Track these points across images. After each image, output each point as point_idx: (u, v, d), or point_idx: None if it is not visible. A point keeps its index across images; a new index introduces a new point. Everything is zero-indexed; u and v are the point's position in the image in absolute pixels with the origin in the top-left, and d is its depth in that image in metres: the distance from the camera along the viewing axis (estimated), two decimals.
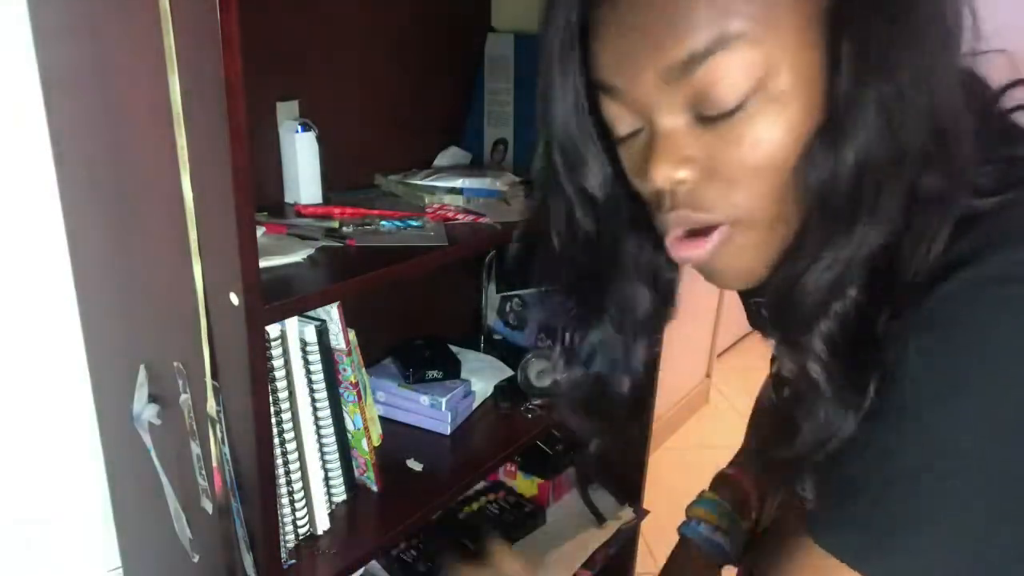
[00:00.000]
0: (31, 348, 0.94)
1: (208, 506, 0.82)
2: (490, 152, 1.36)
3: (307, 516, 0.95)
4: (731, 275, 0.52)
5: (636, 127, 0.50)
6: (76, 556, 1.04)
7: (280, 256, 0.85)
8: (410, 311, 1.38)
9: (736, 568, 0.79)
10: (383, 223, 1.01)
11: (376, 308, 1.22)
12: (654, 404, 1.54)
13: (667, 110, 0.47)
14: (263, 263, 0.74)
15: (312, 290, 0.80)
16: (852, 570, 0.45)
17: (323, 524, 0.97)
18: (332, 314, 0.94)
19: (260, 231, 0.90)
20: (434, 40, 1.29)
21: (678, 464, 2.33)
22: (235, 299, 0.69)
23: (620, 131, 0.51)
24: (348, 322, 0.96)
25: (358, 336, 1.01)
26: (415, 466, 1.11)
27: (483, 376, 1.30)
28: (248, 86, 0.63)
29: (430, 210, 1.08)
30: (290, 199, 1.08)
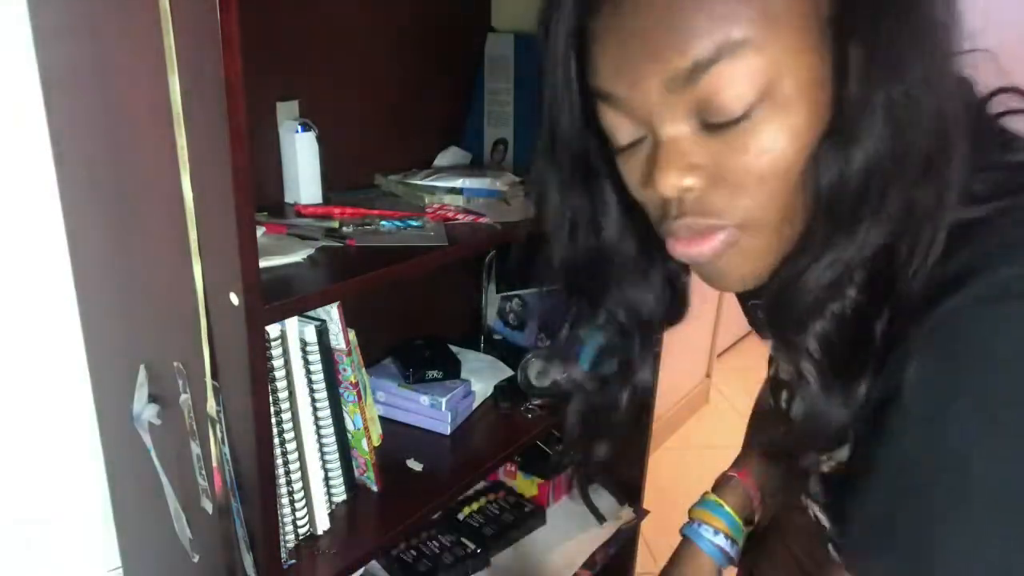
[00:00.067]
0: (31, 348, 0.94)
1: (208, 506, 0.82)
2: (490, 152, 1.36)
3: (307, 516, 0.95)
4: (734, 277, 0.51)
5: (637, 136, 0.49)
6: (76, 556, 1.04)
7: (280, 256, 0.85)
8: (410, 311, 1.38)
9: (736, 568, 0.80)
10: (383, 223, 1.01)
11: (376, 308, 1.22)
12: (654, 404, 1.54)
13: (671, 118, 0.46)
14: (263, 263, 0.74)
15: (312, 290, 0.80)
16: None
17: (323, 524, 0.97)
18: (332, 314, 0.94)
19: (260, 231, 0.90)
20: (434, 40, 1.29)
21: (678, 464, 2.33)
22: (235, 299, 0.69)
23: (620, 140, 0.50)
24: (348, 322, 0.96)
25: (358, 336, 1.01)
26: (415, 466, 1.11)
27: (483, 376, 1.30)
28: (248, 86, 0.63)
29: (430, 210, 1.08)
30: (290, 199, 1.08)
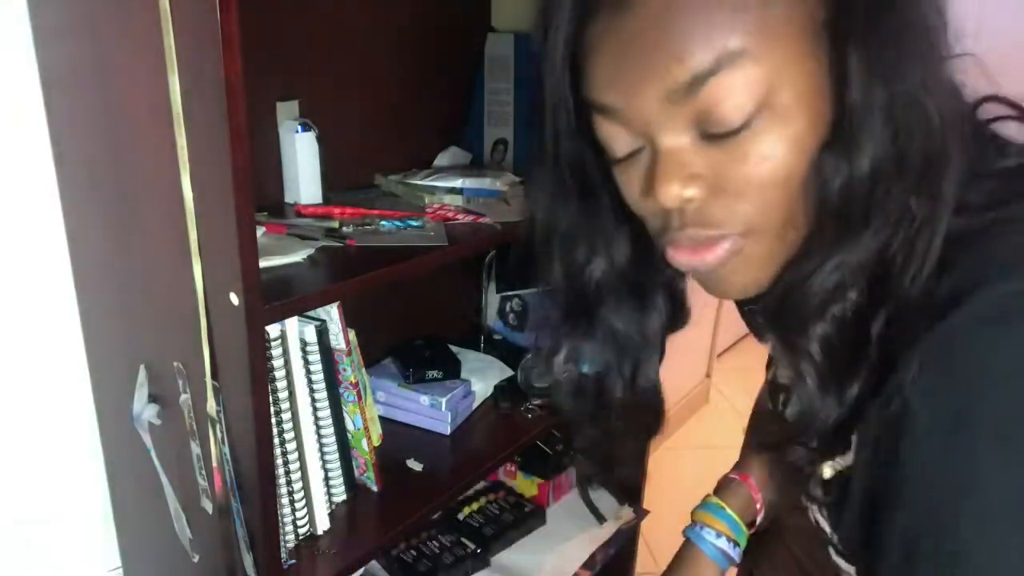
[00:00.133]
0: (31, 348, 0.94)
1: (208, 506, 0.82)
2: (490, 152, 1.36)
3: (307, 516, 0.95)
4: (737, 285, 0.51)
5: (635, 147, 0.49)
6: (76, 556, 1.04)
7: (280, 256, 0.85)
8: (410, 311, 1.38)
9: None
10: (383, 223, 1.01)
11: (376, 308, 1.22)
12: (663, 406, 1.54)
13: (670, 129, 0.46)
14: (263, 263, 0.74)
15: (312, 290, 0.80)
16: None
17: (323, 524, 0.97)
18: (332, 314, 0.94)
19: (260, 231, 0.90)
20: (434, 40, 1.29)
21: (678, 464, 2.33)
22: (235, 299, 0.69)
23: (617, 151, 0.50)
24: (348, 322, 0.96)
25: (358, 336, 1.01)
26: (415, 466, 1.11)
27: (483, 376, 1.30)
28: (248, 86, 0.63)
29: (430, 210, 1.08)
30: (290, 199, 1.08)
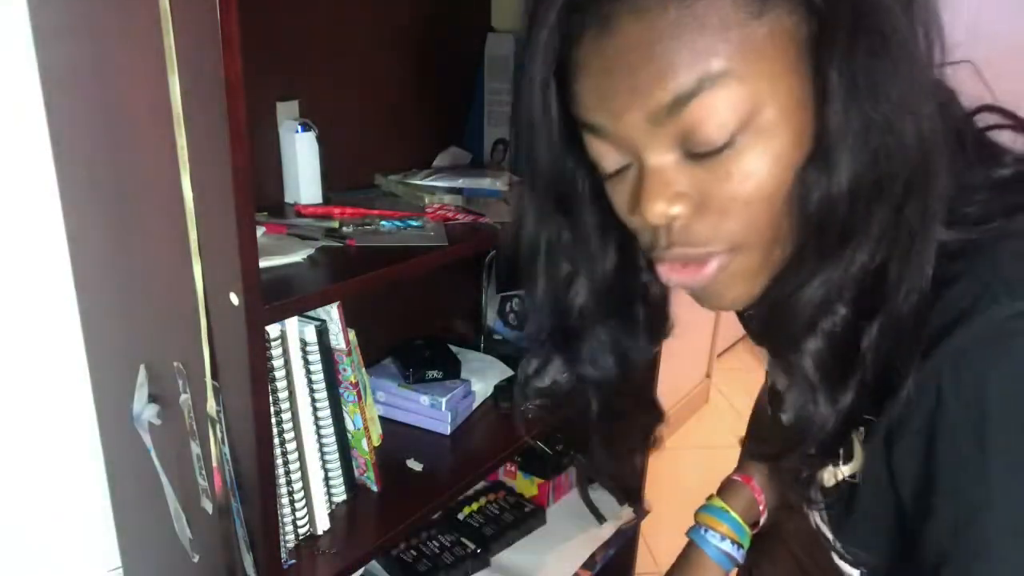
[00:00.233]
0: (31, 348, 0.94)
1: (208, 506, 0.82)
2: (490, 152, 1.36)
3: (307, 516, 0.95)
4: (727, 298, 0.52)
5: (623, 163, 0.49)
6: (76, 556, 1.04)
7: (280, 256, 0.85)
8: (410, 311, 1.38)
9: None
10: (383, 223, 1.01)
11: (376, 308, 1.22)
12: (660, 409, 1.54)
13: (655, 148, 0.46)
14: (263, 263, 0.74)
15: (312, 290, 0.80)
16: None
17: (323, 524, 0.97)
18: (332, 314, 0.94)
19: (260, 231, 0.90)
20: (434, 40, 1.29)
21: (678, 464, 2.33)
22: (235, 299, 0.69)
23: (607, 168, 0.50)
24: (348, 322, 0.96)
25: (358, 336, 1.01)
26: (415, 466, 1.11)
27: (483, 376, 1.30)
28: (248, 86, 0.63)
29: (430, 210, 1.08)
30: (290, 199, 1.08)
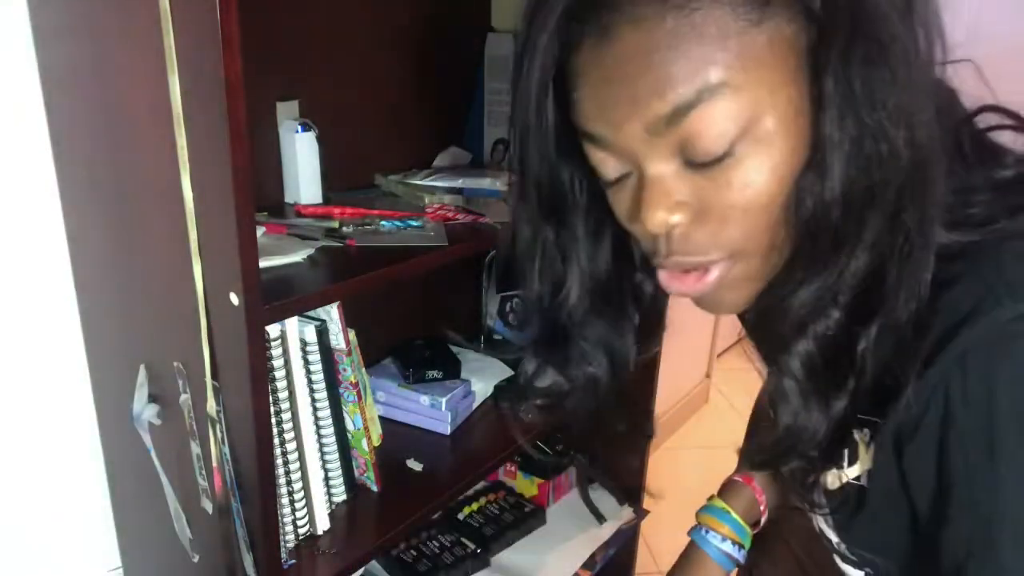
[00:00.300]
0: (31, 348, 0.94)
1: (208, 506, 0.82)
2: (490, 152, 1.36)
3: (307, 516, 0.95)
4: (726, 304, 0.53)
5: (624, 171, 0.50)
6: (76, 556, 1.04)
7: (280, 256, 0.85)
8: (410, 311, 1.38)
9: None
10: (383, 223, 1.01)
11: (376, 308, 1.22)
12: (654, 404, 1.54)
13: (655, 158, 0.47)
14: (263, 263, 0.74)
15: (312, 290, 0.80)
16: None
17: (323, 524, 0.97)
18: (332, 314, 0.94)
19: (260, 231, 0.90)
20: (434, 40, 1.29)
21: (678, 464, 2.33)
22: (235, 299, 0.69)
23: (607, 176, 0.51)
24: (348, 322, 0.96)
25: (358, 336, 1.01)
26: (415, 466, 1.11)
27: (483, 376, 1.30)
28: (248, 86, 0.63)
29: (430, 210, 1.08)
30: (290, 199, 1.08)
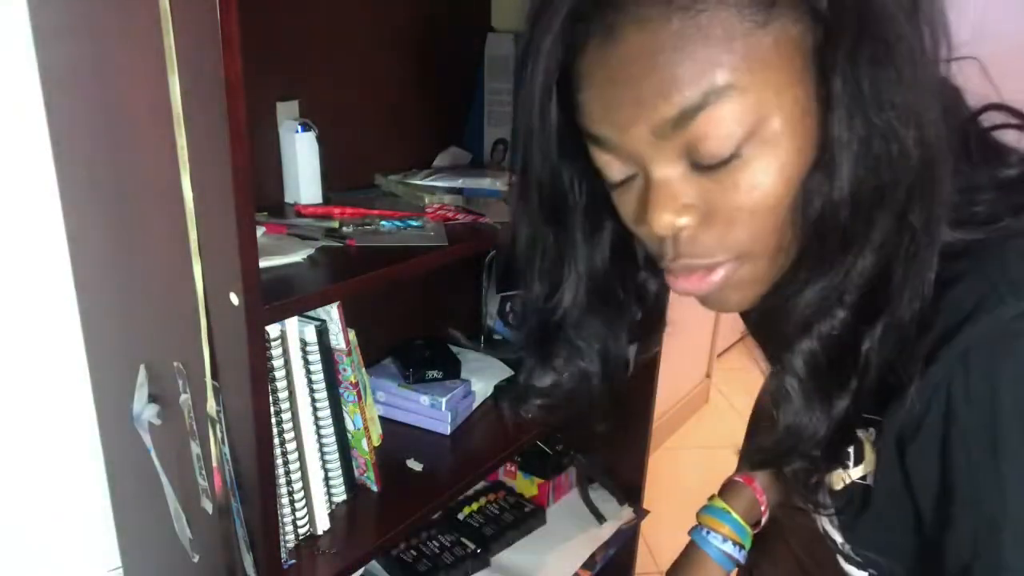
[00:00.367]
0: (31, 348, 0.94)
1: (208, 506, 0.82)
2: (490, 152, 1.36)
3: (307, 516, 0.95)
4: (732, 303, 0.52)
5: (629, 173, 0.50)
6: (76, 556, 1.04)
7: (280, 256, 0.85)
8: (410, 311, 1.38)
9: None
10: (383, 223, 1.01)
11: (376, 308, 1.22)
12: (654, 404, 1.54)
13: (661, 161, 0.47)
14: (263, 263, 0.74)
15: (312, 290, 0.80)
16: None
17: (323, 524, 0.97)
18: (332, 314, 0.94)
19: (260, 231, 0.90)
20: (434, 40, 1.29)
21: (678, 464, 2.34)
22: (235, 299, 0.69)
23: (613, 178, 0.51)
24: (348, 322, 0.96)
25: (358, 336, 1.01)
26: (415, 466, 1.11)
27: (483, 376, 1.30)
28: (248, 86, 0.63)
29: (430, 210, 1.08)
30: (290, 199, 1.08)
